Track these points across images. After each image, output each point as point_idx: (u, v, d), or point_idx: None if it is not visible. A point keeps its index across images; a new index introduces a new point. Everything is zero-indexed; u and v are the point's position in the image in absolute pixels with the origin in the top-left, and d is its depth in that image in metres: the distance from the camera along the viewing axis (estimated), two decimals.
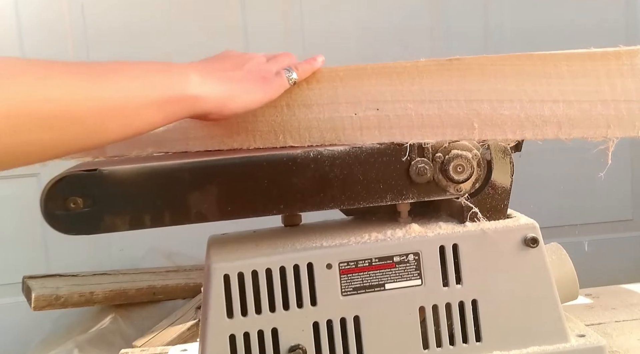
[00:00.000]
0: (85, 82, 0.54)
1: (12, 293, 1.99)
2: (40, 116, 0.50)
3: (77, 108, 0.52)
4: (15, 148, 0.50)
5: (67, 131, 0.52)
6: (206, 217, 0.69)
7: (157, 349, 1.03)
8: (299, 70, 0.72)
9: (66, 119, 0.52)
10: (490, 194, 0.74)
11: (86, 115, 0.53)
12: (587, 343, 0.74)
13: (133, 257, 2.06)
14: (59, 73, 0.53)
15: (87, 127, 0.54)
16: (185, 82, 0.61)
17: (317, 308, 0.71)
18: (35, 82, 0.50)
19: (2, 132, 0.48)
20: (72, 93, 0.52)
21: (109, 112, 0.55)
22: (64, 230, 0.67)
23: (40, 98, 0.50)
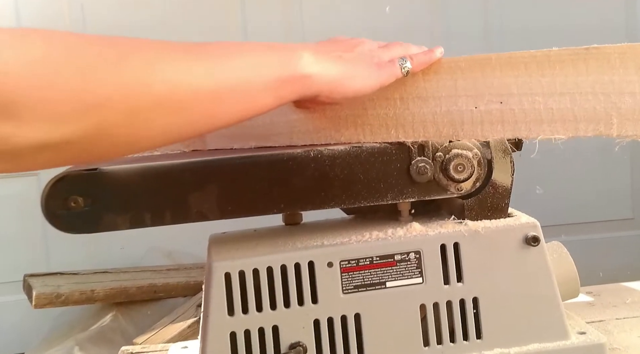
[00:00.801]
0: (201, 63, 0.51)
1: (13, 291, 2.00)
2: (157, 98, 0.48)
3: (194, 90, 0.50)
4: (131, 134, 0.48)
5: (184, 113, 0.50)
6: (207, 216, 0.69)
7: (157, 347, 1.03)
8: (414, 61, 0.68)
9: (182, 100, 0.49)
10: (491, 193, 0.74)
11: (202, 97, 0.51)
12: (588, 340, 0.74)
13: (134, 255, 2.06)
14: (172, 53, 0.51)
15: (203, 110, 0.51)
16: (299, 60, 0.58)
17: (318, 305, 0.71)
18: (150, 64, 0.48)
19: (120, 116, 0.46)
20: (188, 74, 0.50)
21: (225, 94, 0.52)
22: (65, 229, 0.67)
23: (157, 80, 0.48)
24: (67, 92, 0.44)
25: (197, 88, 0.50)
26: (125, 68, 0.47)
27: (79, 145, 0.46)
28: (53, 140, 0.44)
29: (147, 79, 0.47)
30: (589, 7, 2.19)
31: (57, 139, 0.44)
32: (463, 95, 0.70)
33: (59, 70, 0.44)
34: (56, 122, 0.44)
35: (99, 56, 0.46)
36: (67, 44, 0.46)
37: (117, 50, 0.48)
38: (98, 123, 0.45)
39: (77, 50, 0.46)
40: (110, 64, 0.46)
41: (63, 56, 0.44)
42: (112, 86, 0.46)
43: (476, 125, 0.69)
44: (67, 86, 0.44)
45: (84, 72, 0.45)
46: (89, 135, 0.46)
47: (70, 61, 0.45)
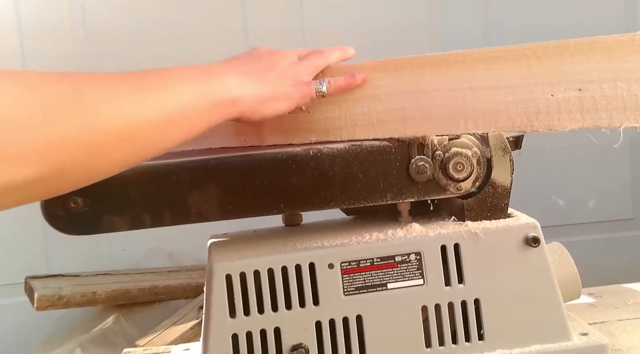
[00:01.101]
0: (149, 95, 0.54)
1: (14, 294, 1.99)
2: (116, 132, 0.50)
3: (145, 121, 0.52)
4: (91, 168, 0.50)
5: (137, 144, 0.52)
6: (207, 217, 0.69)
7: (159, 349, 1.03)
8: (331, 85, 0.71)
9: (136, 133, 0.52)
10: (491, 193, 0.74)
11: (153, 127, 0.53)
12: (590, 341, 0.74)
13: (134, 257, 2.06)
14: (123, 87, 0.53)
15: (153, 138, 0.54)
16: (225, 86, 0.61)
17: (319, 307, 0.71)
18: (104, 101, 0.50)
19: (80, 153, 0.48)
20: (140, 107, 0.52)
21: (170, 122, 0.55)
22: (65, 230, 0.67)
23: (112, 115, 0.50)
24: (28, 133, 0.45)
25: (148, 119, 0.53)
26: (82, 107, 0.48)
27: (44, 183, 0.47)
28: (16, 182, 0.45)
29: (103, 115, 0.49)
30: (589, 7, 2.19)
31: (20, 180, 0.45)
32: (539, 82, 0.68)
33: (20, 112, 0.45)
34: (18, 163, 0.45)
35: (55, 97, 0.47)
36: (28, 85, 0.47)
37: (72, 88, 0.49)
38: (60, 161, 0.47)
39: (35, 93, 0.47)
40: (68, 104, 0.48)
41: (24, 98, 0.45)
42: (71, 125, 0.47)
43: (552, 114, 0.67)
44: (28, 127, 0.45)
45: (43, 114, 0.46)
46: (51, 174, 0.47)
47: (29, 105, 0.45)
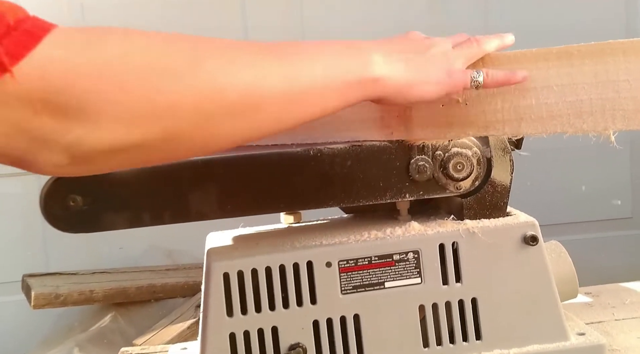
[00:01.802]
0: (271, 65, 0.51)
1: (11, 292, 1.99)
2: (230, 103, 0.48)
3: (266, 94, 0.50)
4: (202, 138, 0.48)
5: (255, 117, 0.50)
6: (206, 215, 0.69)
7: (157, 348, 1.02)
8: (488, 78, 0.65)
9: (255, 105, 0.49)
10: (490, 192, 0.74)
11: (274, 102, 0.50)
12: (587, 341, 0.74)
13: (132, 255, 2.06)
14: (245, 56, 0.50)
15: (273, 114, 0.51)
16: (368, 62, 0.57)
17: (317, 306, 0.71)
18: (223, 68, 0.48)
19: (192, 121, 0.46)
20: (260, 77, 0.49)
21: (295, 98, 0.52)
22: (64, 228, 0.67)
23: (230, 86, 0.48)
24: (140, 95, 0.44)
25: (269, 93, 0.50)
26: (199, 73, 0.46)
27: (150, 148, 0.46)
28: (125, 143, 0.44)
29: (220, 84, 0.47)
30: (589, 7, 2.19)
31: (129, 142, 0.44)
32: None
33: (132, 72, 0.44)
34: (128, 125, 0.44)
35: (171, 58, 0.46)
36: (143, 45, 0.45)
37: (192, 52, 0.47)
38: (170, 127, 0.46)
39: (151, 52, 0.45)
40: (184, 68, 0.46)
41: (137, 58, 0.44)
42: (185, 91, 0.45)
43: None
44: (140, 89, 0.44)
45: (158, 75, 0.45)
46: (160, 139, 0.46)
47: (144, 64, 0.44)
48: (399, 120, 0.71)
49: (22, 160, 0.44)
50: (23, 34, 0.41)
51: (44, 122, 0.42)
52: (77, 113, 0.42)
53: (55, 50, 0.42)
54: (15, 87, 0.41)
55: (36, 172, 0.46)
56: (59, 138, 0.43)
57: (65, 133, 0.43)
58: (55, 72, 0.41)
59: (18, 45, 0.41)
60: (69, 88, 0.42)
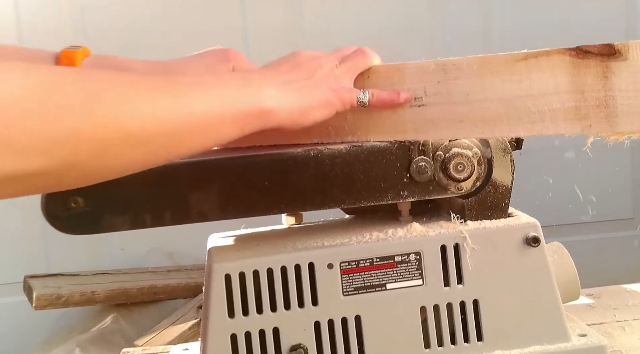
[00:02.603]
0: (167, 99, 0.53)
1: (13, 293, 1.99)
2: (127, 134, 0.49)
3: (161, 125, 0.51)
4: (100, 167, 0.49)
5: (151, 147, 0.52)
6: (207, 216, 0.69)
7: (158, 349, 1.03)
8: (373, 98, 0.69)
9: (150, 136, 0.51)
10: (491, 193, 0.74)
11: (169, 132, 0.52)
12: (589, 342, 0.74)
13: (134, 257, 2.06)
14: (141, 89, 0.52)
15: (169, 143, 0.53)
16: (259, 96, 0.60)
17: (318, 307, 0.71)
18: (120, 101, 0.49)
19: (90, 150, 0.47)
20: (156, 111, 0.51)
21: (191, 128, 0.54)
22: (65, 230, 0.67)
23: (127, 117, 0.49)
24: (38, 124, 0.44)
25: (164, 123, 0.52)
26: (97, 105, 0.47)
27: (46, 177, 0.46)
28: (20, 173, 0.44)
29: (117, 116, 0.49)
30: (589, 8, 2.19)
31: (24, 172, 0.45)
32: None
33: (29, 106, 0.44)
34: (24, 155, 0.44)
35: (71, 93, 0.47)
36: (42, 80, 0.46)
37: (90, 86, 0.48)
38: (67, 157, 0.46)
39: (50, 87, 0.46)
40: (82, 101, 0.47)
41: (36, 93, 0.45)
42: (82, 122, 0.46)
43: None
44: (37, 122, 0.44)
45: (56, 108, 0.45)
46: (57, 169, 0.46)
47: (42, 98, 0.45)
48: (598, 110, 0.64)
49: None
50: None
51: None
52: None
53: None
54: None
55: None
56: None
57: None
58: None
59: None
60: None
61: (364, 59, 0.71)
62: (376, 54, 0.72)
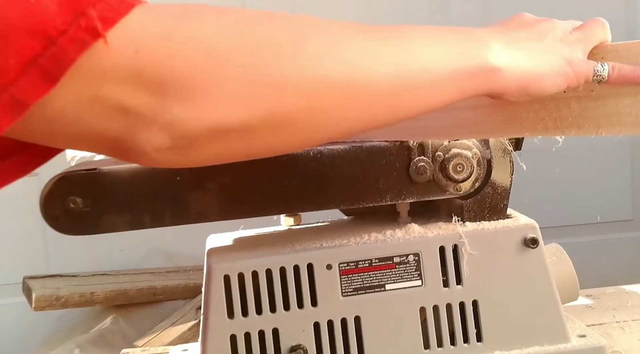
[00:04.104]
0: (383, 48, 0.47)
1: (12, 294, 1.99)
2: (338, 86, 0.44)
3: (375, 77, 0.46)
4: (310, 123, 0.45)
5: (363, 104, 0.46)
6: (206, 217, 0.69)
7: (158, 349, 1.03)
8: (614, 72, 0.55)
9: (364, 89, 0.45)
10: (490, 194, 0.74)
11: (384, 86, 0.46)
12: (588, 343, 0.74)
13: (133, 258, 2.06)
14: (353, 36, 0.46)
15: (384, 100, 0.47)
16: (488, 51, 0.51)
17: (317, 308, 0.71)
18: (329, 48, 0.44)
19: (298, 102, 0.43)
20: (370, 60, 0.45)
21: (407, 83, 0.47)
22: (64, 230, 0.67)
23: (337, 65, 0.44)
24: (242, 74, 0.41)
25: (379, 76, 0.46)
26: (304, 51, 0.43)
27: (254, 132, 0.43)
28: (228, 125, 0.42)
29: (326, 64, 0.44)
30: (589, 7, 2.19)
31: (232, 124, 0.42)
32: None
33: (233, 50, 0.41)
34: (230, 105, 0.41)
35: (276, 37, 0.43)
36: (242, 22, 0.43)
37: (296, 31, 0.44)
38: (274, 108, 0.43)
39: (252, 30, 0.43)
40: (288, 46, 0.43)
41: (238, 35, 0.42)
42: (289, 69, 0.43)
43: None
44: (242, 68, 0.41)
45: (260, 53, 0.42)
46: (265, 122, 0.43)
47: (245, 41, 0.42)
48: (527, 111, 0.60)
49: (120, 143, 0.41)
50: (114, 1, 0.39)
51: (142, 99, 0.40)
52: (176, 90, 0.40)
53: (149, 22, 0.39)
54: (109, 61, 0.38)
55: (137, 159, 0.43)
56: (157, 116, 0.40)
57: (164, 111, 0.40)
58: (152, 47, 0.39)
59: (110, 10, 0.38)
60: (167, 64, 0.39)
61: (603, 29, 0.59)
62: None
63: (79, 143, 0.43)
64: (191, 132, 0.41)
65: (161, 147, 0.42)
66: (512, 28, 0.56)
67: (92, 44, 0.37)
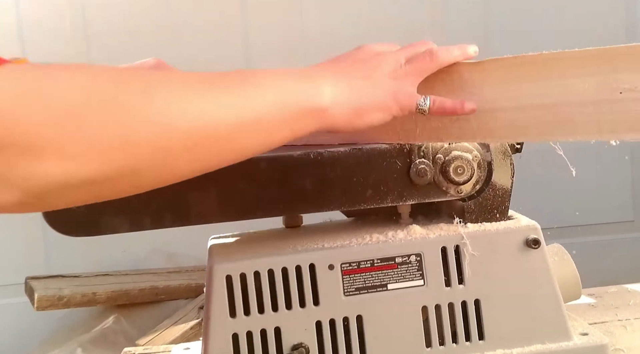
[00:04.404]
0: (223, 97, 0.50)
1: (14, 294, 1.99)
2: (183, 136, 0.47)
3: (217, 125, 0.49)
4: (156, 171, 0.47)
5: (207, 149, 0.49)
6: (207, 218, 0.69)
7: (160, 348, 1.03)
8: (434, 105, 0.62)
9: (207, 137, 0.48)
10: (491, 196, 0.74)
11: (225, 132, 0.49)
12: (590, 341, 0.74)
13: (135, 258, 2.06)
14: (195, 86, 0.49)
15: (225, 144, 0.50)
16: (318, 94, 0.56)
17: (319, 307, 0.71)
18: (174, 100, 0.47)
19: (146, 154, 0.45)
20: (212, 110, 0.49)
21: (246, 128, 0.51)
22: (65, 232, 0.67)
23: (182, 116, 0.47)
24: (89, 131, 0.43)
25: (221, 123, 0.49)
26: (149, 106, 0.45)
27: (103, 184, 0.45)
28: (76, 180, 0.43)
29: (172, 117, 0.46)
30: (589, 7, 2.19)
31: (81, 178, 0.43)
32: None
33: (80, 108, 0.42)
34: (78, 162, 0.43)
35: (122, 93, 0.45)
36: (91, 80, 0.45)
37: (142, 86, 0.46)
38: (122, 162, 0.44)
39: (100, 87, 0.44)
40: (134, 102, 0.45)
41: (85, 93, 0.43)
42: (136, 124, 0.44)
43: None
44: (89, 125, 0.43)
45: (107, 110, 0.44)
46: (114, 174, 0.44)
47: (92, 99, 0.43)
48: None
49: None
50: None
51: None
52: (24, 148, 0.41)
53: (2, 82, 0.41)
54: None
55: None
56: (5, 173, 0.41)
57: (11, 168, 0.41)
58: (1, 109, 0.40)
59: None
60: (16, 123, 0.40)
61: (431, 61, 0.64)
62: (454, 50, 0.66)
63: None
64: (39, 187, 0.42)
65: (11, 202, 0.42)
66: (344, 66, 0.61)
67: None
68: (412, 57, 0.64)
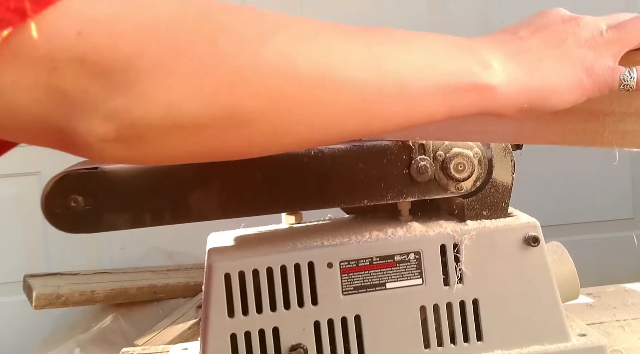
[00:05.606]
0: (360, 48, 0.42)
1: (13, 292, 1.99)
2: (302, 84, 0.40)
3: (347, 78, 0.41)
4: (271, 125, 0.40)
5: (332, 107, 0.41)
6: (207, 216, 0.69)
7: (158, 348, 1.02)
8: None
9: (333, 91, 0.41)
10: (491, 192, 0.74)
11: (356, 89, 0.41)
12: (588, 342, 0.74)
13: (134, 256, 2.06)
14: (327, 32, 0.42)
15: (356, 106, 0.42)
16: (480, 67, 0.45)
17: (318, 307, 0.71)
18: (299, 41, 0.40)
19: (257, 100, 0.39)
20: (343, 58, 0.41)
21: (384, 90, 0.42)
22: (65, 229, 0.67)
23: (305, 61, 0.39)
24: (194, 63, 0.37)
25: (352, 76, 0.41)
26: (269, 46, 0.39)
27: (207, 129, 0.39)
28: (177, 118, 0.37)
29: (292, 60, 0.39)
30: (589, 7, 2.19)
31: (181, 117, 0.37)
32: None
33: (187, 37, 0.37)
34: (179, 97, 0.37)
35: (239, 27, 0.39)
36: (203, 9, 0.39)
37: (263, 23, 0.40)
38: (230, 105, 0.38)
39: (212, 18, 0.39)
40: (252, 38, 0.39)
41: (195, 22, 0.38)
42: (250, 64, 0.38)
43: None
44: (195, 57, 0.37)
45: (219, 43, 0.38)
46: (219, 119, 0.38)
47: (202, 29, 0.38)
48: None
49: (64, 134, 0.38)
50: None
51: (83, 85, 0.36)
52: (121, 77, 0.36)
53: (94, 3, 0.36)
54: (46, 43, 0.35)
55: (84, 151, 0.39)
56: (99, 103, 0.36)
57: (107, 98, 0.36)
58: (96, 30, 0.35)
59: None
60: (112, 48, 0.36)
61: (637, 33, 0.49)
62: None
63: (23, 134, 0.39)
64: (136, 122, 0.37)
65: (105, 138, 0.38)
66: (522, 35, 0.49)
67: (19, 24, 0.34)
68: (616, 24, 0.50)
